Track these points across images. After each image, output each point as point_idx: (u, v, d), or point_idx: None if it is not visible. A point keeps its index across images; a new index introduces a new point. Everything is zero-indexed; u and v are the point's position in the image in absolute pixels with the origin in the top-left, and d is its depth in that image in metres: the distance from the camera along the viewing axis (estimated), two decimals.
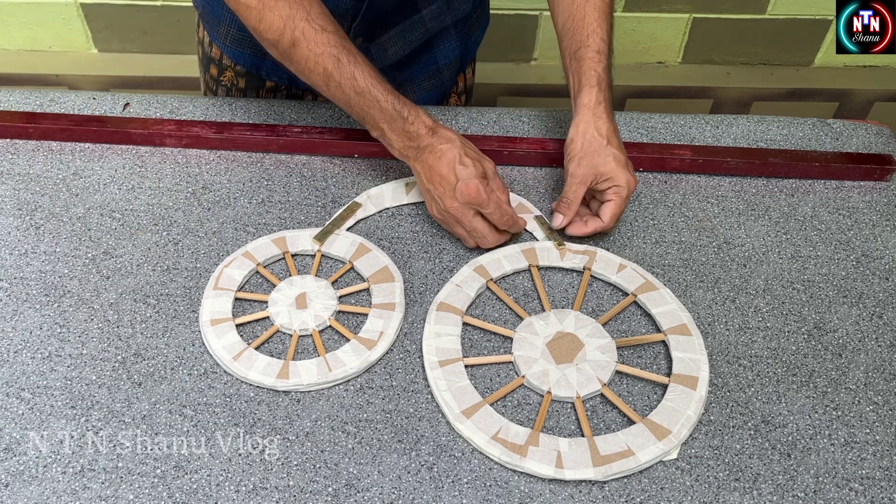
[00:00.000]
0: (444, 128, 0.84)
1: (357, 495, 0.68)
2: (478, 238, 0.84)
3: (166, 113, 1.02)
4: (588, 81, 0.86)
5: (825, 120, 1.06)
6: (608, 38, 0.88)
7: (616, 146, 0.85)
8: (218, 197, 0.93)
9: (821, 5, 1.71)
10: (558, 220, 0.87)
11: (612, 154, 0.84)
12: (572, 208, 0.86)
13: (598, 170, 0.84)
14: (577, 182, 0.85)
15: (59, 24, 1.69)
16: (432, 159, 0.82)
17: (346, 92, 0.81)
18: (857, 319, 0.83)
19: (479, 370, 0.78)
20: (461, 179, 0.81)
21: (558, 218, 0.87)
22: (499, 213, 0.83)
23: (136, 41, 1.72)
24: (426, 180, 0.83)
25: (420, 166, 0.84)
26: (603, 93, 0.86)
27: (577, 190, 0.85)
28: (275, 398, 0.74)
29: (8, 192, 0.92)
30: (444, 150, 0.82)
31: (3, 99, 1.03)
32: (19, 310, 0.80)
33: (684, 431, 0.72)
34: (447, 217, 0.84)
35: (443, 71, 1.07)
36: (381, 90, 0.81)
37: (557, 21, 0.92)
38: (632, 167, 0.86)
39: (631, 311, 0.83)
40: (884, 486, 0.70)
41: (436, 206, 0.85)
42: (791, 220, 0.93)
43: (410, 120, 0.82)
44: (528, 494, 0.69)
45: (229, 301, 0.81)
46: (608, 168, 0.84)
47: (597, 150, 0.84)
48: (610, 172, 0.84)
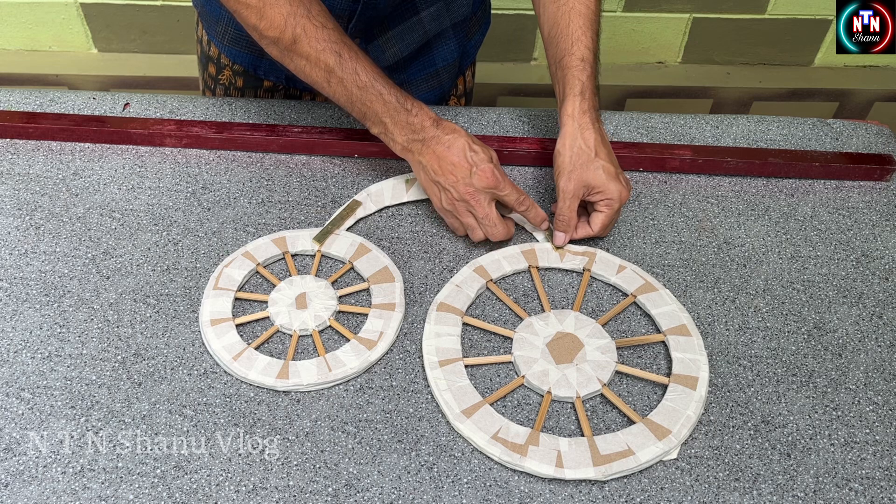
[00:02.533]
0: (446, 121, 0.84)
1: (357, 495, 0.68)
2: (488, 227, 0.84)
3: (166, 113, 1.02)
4: (572, 90, 0.85)
5: (825, 120, 1.06)
6: (593, 45, 0.87)
7: (605, 157, 0.84)
8: (218, 197, 0.93)
9: (821, 5, 1.71)
10: (559, 238, 0.87)
11: (601, 166, 0.83)
12: (571, 224, 0.86)
13: (589, 183, 0.84)
14: (570, 197, 0.84)
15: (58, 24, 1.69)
16: (441, 149, 0.82)
17: (348, 87, 0.81)
18: (857, 319, 0.83)
19: (479, 370, 0.78)
20: (475, 165, 0.81)
21: (559, 237, 0.87)
22: (515, 193, 0.83)
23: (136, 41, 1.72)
24: (433, 172, 0.83)
25: (427, 158, 0.83)
26: (587, 101, 0.85)
27: (571, 205, 0.85)
28: (275, 398, 0.74)
29: (8, 192, 0.92)
30: (452, 140, 0.82)
31: (3, 99, 1.03)
32: (19, 310, 0.80)
33: (684, 431, 0.72)
34: (459, 207, 0.84)
35: (441, 73, 1.07)
36: (383, 84, 0.81)
37: (543, 29, 0.91)
38: (623, 176, 0.85)
39: (631, 311, 0.83)
40: (884, 486, 0.70)
41: (446, 196, 0.84)
42: (791, 220, 0.93)
43: (414, 112, 0.82)
44: (528, 494, 0.69)
45: (229, 301, 0.81)
46: (598, 181, 0.83)
47: (585, 164, 0.83)
48: (600, 185, 0.83)
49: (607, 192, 0.84)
